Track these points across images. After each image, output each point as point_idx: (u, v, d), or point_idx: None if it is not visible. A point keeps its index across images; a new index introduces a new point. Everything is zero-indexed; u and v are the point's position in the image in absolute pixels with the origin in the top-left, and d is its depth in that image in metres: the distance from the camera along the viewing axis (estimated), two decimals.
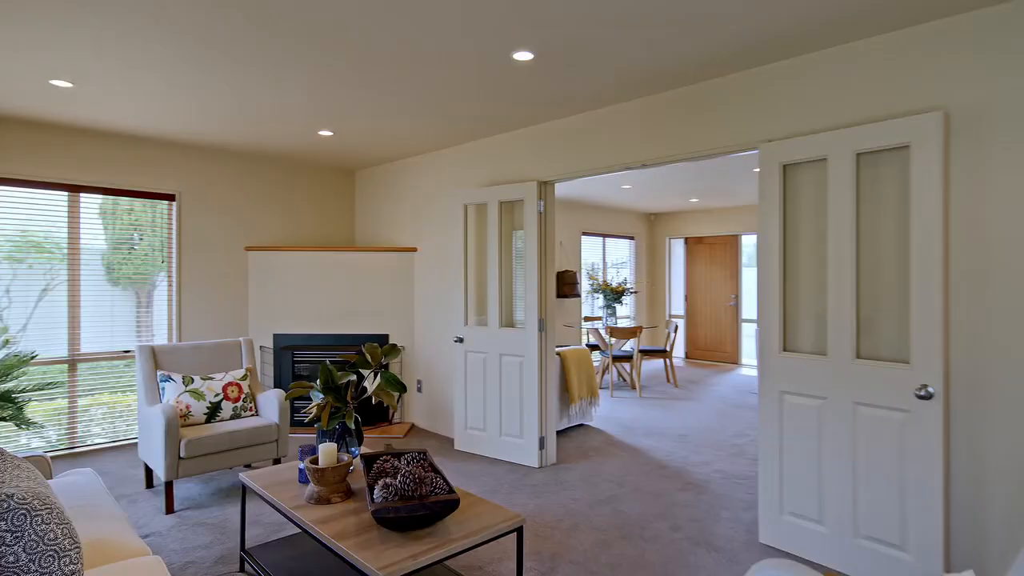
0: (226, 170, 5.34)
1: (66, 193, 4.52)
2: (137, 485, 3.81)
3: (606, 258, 9.35)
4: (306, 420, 3.58)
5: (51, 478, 2.50)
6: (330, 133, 4.54)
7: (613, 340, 7.62)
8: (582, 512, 3.40)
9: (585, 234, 8.93)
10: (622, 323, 9.38)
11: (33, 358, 4.00)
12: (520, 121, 4.17)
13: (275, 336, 5.40)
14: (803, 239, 2.89)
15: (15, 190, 4.29)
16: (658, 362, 9.11)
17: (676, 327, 7.26)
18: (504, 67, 3.10)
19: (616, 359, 6.91)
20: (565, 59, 2.99)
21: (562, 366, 5.09)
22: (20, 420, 3.78)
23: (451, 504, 2.06)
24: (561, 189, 7.33)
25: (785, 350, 2.94)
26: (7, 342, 4.35)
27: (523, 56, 2.94)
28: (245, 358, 4.17)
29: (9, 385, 3.92)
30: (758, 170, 2.96)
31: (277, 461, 3.82)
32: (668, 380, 7.57)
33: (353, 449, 2.80)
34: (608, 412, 5.91)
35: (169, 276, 5.05)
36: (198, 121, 4.21)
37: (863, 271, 2.69)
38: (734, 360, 9.02)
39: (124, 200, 4.84)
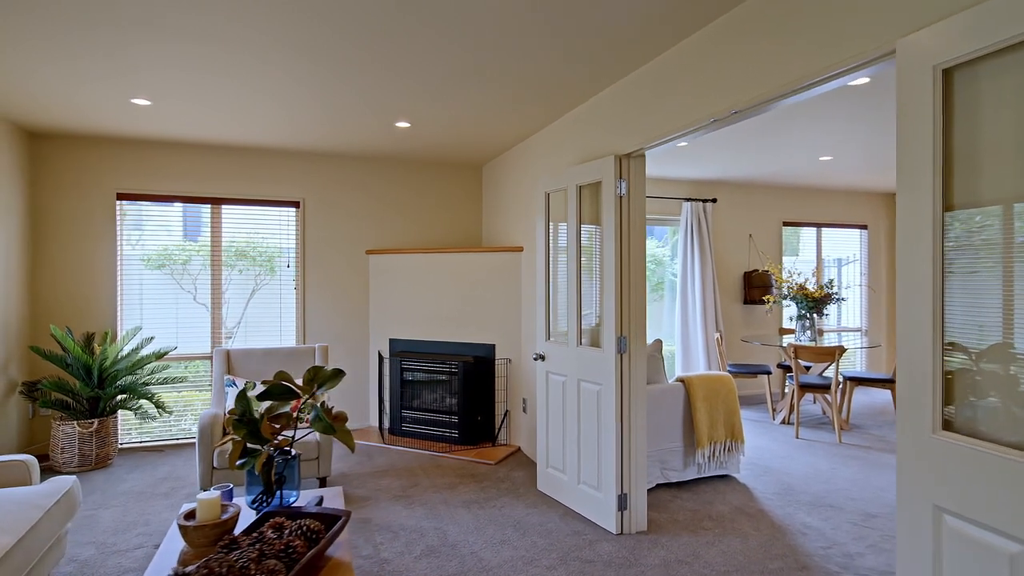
0: (347, 175, 5.38)
1: (209, 205, 5.01)
2: None
3: (821, 254, 7.29)
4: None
5: (31, 484, 2.55)
6: (407, 124, 4.15)
7: (807, 364, 5.84)
8: None
9: (789, 224, 7.09)
10: (845, 339, 7.20)
11: (161, 356, 4.46)
12: (592, 83, 3.19)
13: (391, 341, 5.28)
14: (988, 207, 1.45)
15: (178, 206, 4.90)
16: (885, 393, 6.74)
17: None
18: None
19: (811, 387, 5.18)
20: None
21: (687, 397, 3.88)
22: (143, 410, 4.20)
23: None
24: (749, 169, 5.83)
25: (947, 429, 1.53)
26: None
27: None
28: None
29: (146, 378, 4.43)
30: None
31: (322, 481, 3.56)
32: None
33: (290, 495, 2.30)
34: (773, 460, 4.38)
35: (296, 280, 5.28)
36: (292, 125, 4.22)
37: None
38: None
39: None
